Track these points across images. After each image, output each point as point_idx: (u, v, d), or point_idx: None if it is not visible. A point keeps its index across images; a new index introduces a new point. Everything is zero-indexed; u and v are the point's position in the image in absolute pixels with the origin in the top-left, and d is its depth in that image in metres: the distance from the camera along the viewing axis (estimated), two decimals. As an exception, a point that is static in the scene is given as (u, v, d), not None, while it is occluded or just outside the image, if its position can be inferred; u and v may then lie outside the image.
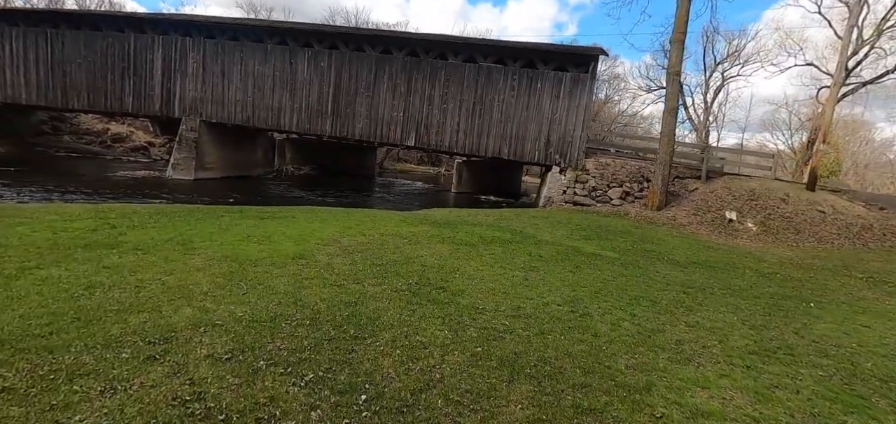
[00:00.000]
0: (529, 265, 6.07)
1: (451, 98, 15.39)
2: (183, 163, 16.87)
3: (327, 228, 7.11)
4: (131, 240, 5.28)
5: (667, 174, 12.87)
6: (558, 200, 14.59)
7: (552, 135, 14.81)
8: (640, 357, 3.47)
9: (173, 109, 17.41)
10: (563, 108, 14.62)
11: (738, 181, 13.52)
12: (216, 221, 6.98)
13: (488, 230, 8.52)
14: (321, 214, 8.59)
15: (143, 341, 2.86)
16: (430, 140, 15.74)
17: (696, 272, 6.95)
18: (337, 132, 16.47)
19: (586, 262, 6.65)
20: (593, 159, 14.74)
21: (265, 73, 16.61)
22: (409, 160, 41.48)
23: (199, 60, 17.01)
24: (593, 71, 14.35)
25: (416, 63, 15.54)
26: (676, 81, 12.66)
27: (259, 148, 21.11)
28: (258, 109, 16.84)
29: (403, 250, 6.10)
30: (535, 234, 8.70)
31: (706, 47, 29.85)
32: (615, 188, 13.90)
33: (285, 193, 16.96)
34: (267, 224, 7.08)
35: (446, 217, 10.33)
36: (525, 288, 4.97)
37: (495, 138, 15.24)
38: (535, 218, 11.52)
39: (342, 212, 9.47)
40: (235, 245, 5.50)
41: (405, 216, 9.50)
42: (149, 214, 7.09)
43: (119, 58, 17.53)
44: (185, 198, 12.96)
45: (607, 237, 9.33)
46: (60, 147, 22.30)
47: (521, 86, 14.84)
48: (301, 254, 5.30)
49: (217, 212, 7.79)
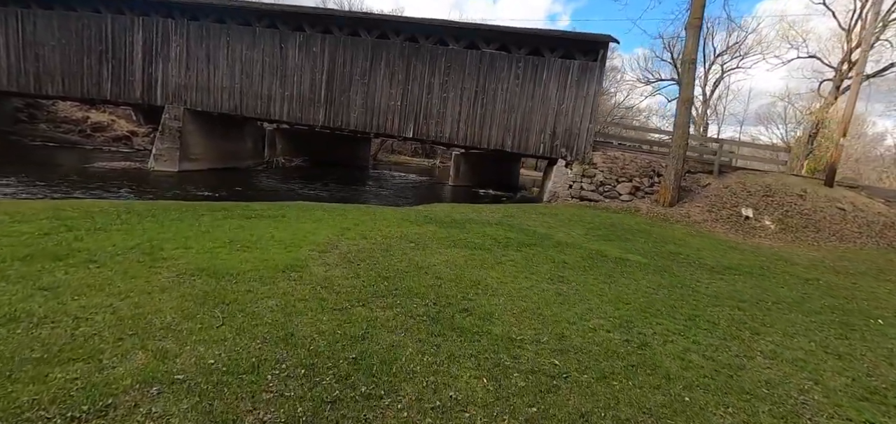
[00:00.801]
0: (557, 274, 5.23)
1: (452, 86, 14.44)
2: (166, 154, 15.72)
3: (323, 229, 6.20)
4: (87, 249, 4.32)
5: (680, 168, 12.12)
6: (564, 195, 13.79)
7: (558, 127, 13.96)
8: (738, 413, 2.65)
9: (155, 96, 16.20)
10: (569, 99, 13.76)
11: (752, 176, 12.83)
12: (195, 222, 6.02)
13: (499, 230, 7.67)
14: (315, 212, 7.65)
15: (63, 416, 1.96)
16: (430, 131, 14.79)
17: (735, 279, 6.18)
18: (330, 122, 15.44)
19: (616, 269, 5.83)
20: (601, 153, 13.94)
21: (254, 59, 15.48)
22: (403, 152, 40.43)
23: (182, 44, 15.80)
24: (603, 59, 13.49)
25: (414, 49, 14.54)
26: (692, 70, 11.87)
27: (248, 138, 19.96)
28: (246, 97, 15.72)
29: (412, 257, 5.22)
30: (549, 234, 7.87)
31: (705, 39, 29.15)
32: (624, 183, 13.13)
33: (276, 187, 15.92)
34: (254, 224, 6.14)
35: (450, 214, 9.46)
36: (562, 307, 4.13)
37: (498, 129, 14.35)
38: (544, 215, 10.70)
39: (338, 208, 8.55)
40: (214, 253, 4.57)
41: (406, 213, 8.61)
42: (117, 213, 6.10)
43: (96, 40, 16.24)
44: (166, 192, 11.89)
45: (626, 237, 8.54)
46: (36, 136, 20.91)
47: (526, 75, 13.94)
48: (293, 265, 4.39)
49: (197, 211, 6.82)
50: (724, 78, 31.18)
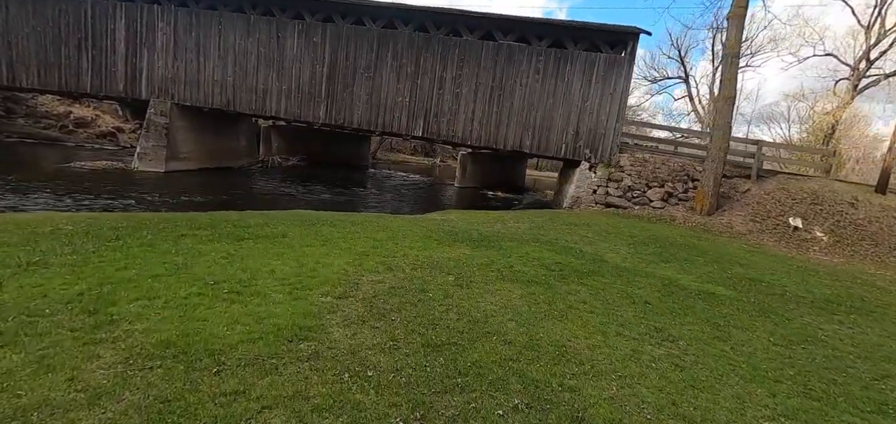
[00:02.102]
0: (650, 325, 3.90)
1: (466, 81, 13.05)
2: (151, 153, 14.17)
3: (335, 256, 4.82)
4: (0, 304, 2.92)
5: (720, 173, 10.87)
6: (587, 201, 12.49)
7: (582, 126, 12.64)
8: None
9: (140, 90, 14.63)
10: (594, 95, 12.44)
11: (794, 182, 11.62)
12: (171, 247, 4.61)
13: (542, 250, 6.34)
14: (322, 229, 6.25)
15: None
16: (441, 130, 13.40)
17: (853, 322, 4.91)
18: (332, 119, 13.98)
19: (713, 311, 4.52)
20: (628, 155, 12.65)
21: (248, 49, 13.96)
22: (402, 150, 38.93)
23: (169, 32, 14.23)
24: (632, 53, 12.18)
25: (425, 40, 13.11)
26: (735, 64, 10.60)
27: (241, 135, 18.41)
28: (240, 91, 14.20)
29: (459, 302, 3.87)
30: (599, 255, 6.56)
31: (715, 36, 28.01)
32: (655, 188, 11.85)
33: (272, 190, 14.45)
34: (247, 251, 4.74)
35: (474, 226, 8.13)
36: (697, 393, 2.80)
37: (516, 128, 12.99)
38: (575, 225, 9.39)
39: (346, 221, 7.15)
40: (190, 307, 3.17)
41: (428, 228, 7.24)
42: (70, 235, 4.67)
43: (74, 27, 14.60)
44: (148, 196, 10.39)
45: (682, 256, 7.25)
46: (13, 132, 19.18)
47: (548, 69, 12.59)
48: (304, 327, 3.01)
49: (177, 228, 5.39)
50: (731, 76, 29.96)
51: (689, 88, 31.47)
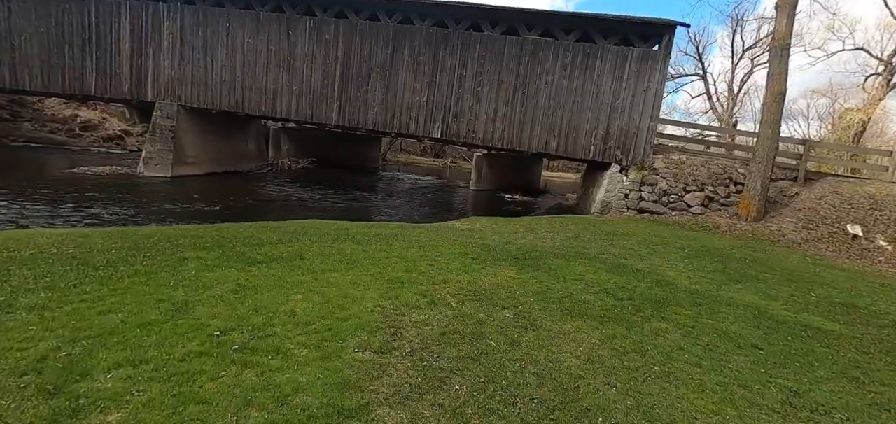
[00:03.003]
0: (783, 386, 3.00)
1: (488, 79, 12.16)
2: (157, 158, 13.45)
3: (365, 285, 3.98)
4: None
5: (768, 177, 9.91)
6: (618, 206, 11.56)
7: (612, 126, 11.71)
8: None
9: (145, 92, 13.90)
10: (626, 93, 11.50)
11: (848, 184, 10.62)
12: (170, 276, 3.79)
13: (594, 269, 5.46)
14: (344, 246, 5.41)
15: None
16: (460, 131, 12.53)
17: None
18: (345, 121, 13.16)
19: (839, 358, 3.60)
20: (663, 156, 11.71)
21: (257, 48, 13.18)
22: (412, 151, 38.10)
23: (175, 31, 13.49)
24: (668, 46, 11.23)
25: (443, 36, 12.25)
26: (786, 57, 9.62)
27: (250, 138, 17.68)
28: (249, 92, 13.43)
29: (527, 349, 3.01)
30: (655, 271, 5.67)
31: (734, 32, 26.90)
32: (694, 192, 10.90)
33: (283, 195, 13.67)
34: (261, 280, 3.91)
35: (507, 239, 7.29)
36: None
37: (541, 130, 12.09)
38: (615, 235, 8.50)
39: (368, 234, 6.32)
40: (188, 378, 2.33)
41: (464, 245, 6.38)
42: (51, 262, 3.87)
43: (78, 28, 13.91)
44: (153, 205, 9.63)
45: (748, 273, 6.32)
46: (19, 136, 18.61)
47: (575, 65, 11.68)
48: (342, 411, 2.16)
49: (179, 249, 4.58)
50: (752, 73, 28.87)
51: (706, 86, 30.36)
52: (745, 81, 29.24)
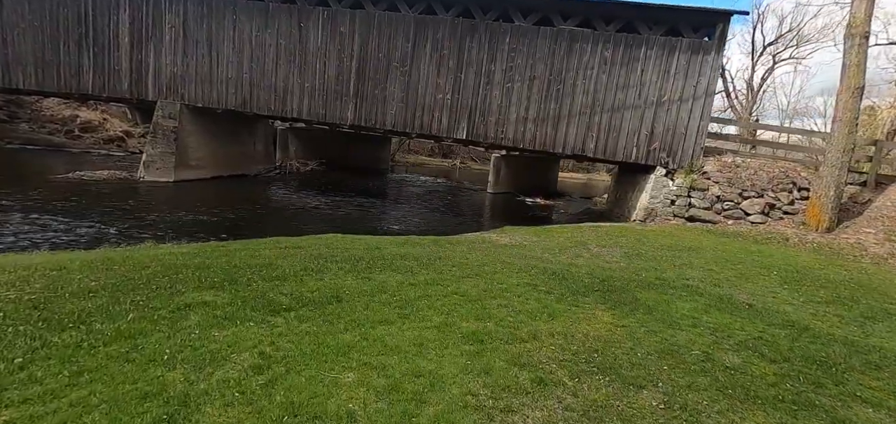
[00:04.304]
0: None
1: (518, 74, 11.00)
2: (159, 161, 12.34)
3: (434, 347, 2.84)
4: None
5: (843, 181, 8.73)
6: (664, 213, 10.40)
7: (657, 126, 10.53)
8: None
9: (146, 90, 12.80)
10: (674, 89, 10.32)
11: (927, 189, 9.43)
12: (166, 338, 2.66)
13: (700, 307, 4.31)
14: (387, 277, 4.27)
15: None
16: (488, 131, 11.37)
17: None
18: (362, 120, 12.01)
19: None
20: (714, 159, 10.53)
21: (266, 42, 12.05)
22: (420, 151, 36.88)
23: (177, 24, 12.37)
24: (722, 37, 10.04)
25: (469, 27, 11.08)
26: (864, 46, 8.44)
27: (258, 139, 16.56)
28: (257, 90, 12.31)
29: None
30: (772, 308, 4.52)
31: (755, 26, 25.64)
32: (753, 199, 9.72)
33: (295, 202, 12.55)
34: (291, 343, 2.77)
35: (561, 257, 6.20)
36: None
37: (578, 129, 10.92)
38: (680, 250, 7.35)
39: (408, 258, 5.19)
40: None
41: (519, 267, 5.24)
42: (6, 314, 2.75)
43: (74, 22, 12.81)
44: (151, 215, 8.50)
45: (873, 306, 5.15)
46: (15, 137, 17.55)
47: (616, 58, 10.50)
48: None
49: (179, 289, 3.46)
50: (773, 69, 27.56)
51: (725, 83, 29.06)
52: (766, 79, 27.95)
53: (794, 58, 27.26)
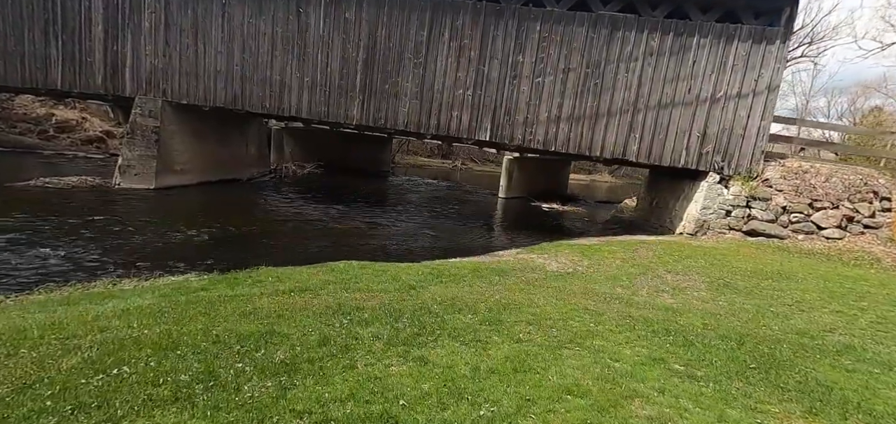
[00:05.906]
0: None
1: (550, 67, 9.55)
2: (138, 165, 10.69)
3: None
4: None
5: (941, 191, 7.40)
6: (718, 225, 9.02)
7: (711, 126, 9.15)
8: None
9: (122, 84, 11.12)
10: (731, 84, 8.94)
11: None
12: None
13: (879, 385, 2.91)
14: (454, 364, 2.78)
15: None
16: (515, 132, 9.90)
17: None
18: (369, 120, 10.48)
19: None
20: (776, 164, 9.17)
21: (260, 30, 10.45)
22: (419, 152, 35.28)
23: (158, 10, 10.72)
24: (788, 24, 8.68)
25: (494, 12, 9.60)
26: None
27: (250, 140, 14.91)
28: (250, 84, 10.71)
29: None
30: None
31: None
32: (826, 210, 8.37)
33: (293, 213, 10.98)
34: None
35: (652, 298, 4.77)
36: None
37: (619, 130, 9.50)
38: (767, 277, 5.98)
39: (468, 313, 3.71)
40: None
41: (606, 317, 3.80)
42: None
43: (39, 6, 11.09)
44: (121, 240, 6.89)
45: None
46: (-18, 138, 15.74)
47: (664, 48, 9.09)
48: None
49: (117, 394, 1.96)
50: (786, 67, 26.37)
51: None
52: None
53: (805, 56, 26.13)
